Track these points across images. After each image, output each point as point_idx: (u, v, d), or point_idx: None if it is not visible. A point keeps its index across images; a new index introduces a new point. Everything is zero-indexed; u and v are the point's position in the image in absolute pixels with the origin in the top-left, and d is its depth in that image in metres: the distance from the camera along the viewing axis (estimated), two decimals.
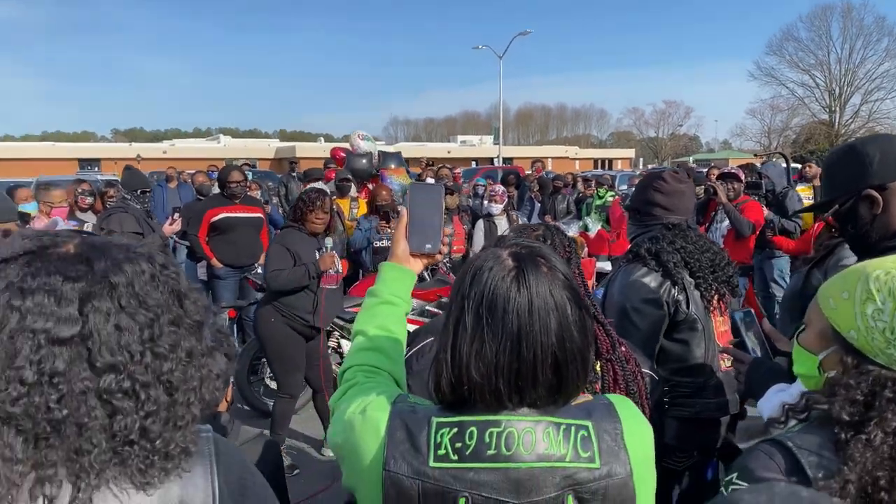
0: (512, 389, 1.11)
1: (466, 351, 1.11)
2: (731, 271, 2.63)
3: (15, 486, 0.82)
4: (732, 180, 6.31)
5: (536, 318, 1.10)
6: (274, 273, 4.34)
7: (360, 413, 1.19)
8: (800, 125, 53.76)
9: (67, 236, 0.95)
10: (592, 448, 1.12)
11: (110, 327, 0.86)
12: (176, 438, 0.91)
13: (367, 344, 1.38)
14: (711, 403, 2.54)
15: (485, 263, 1.15)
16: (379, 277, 1.47)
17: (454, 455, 1.10)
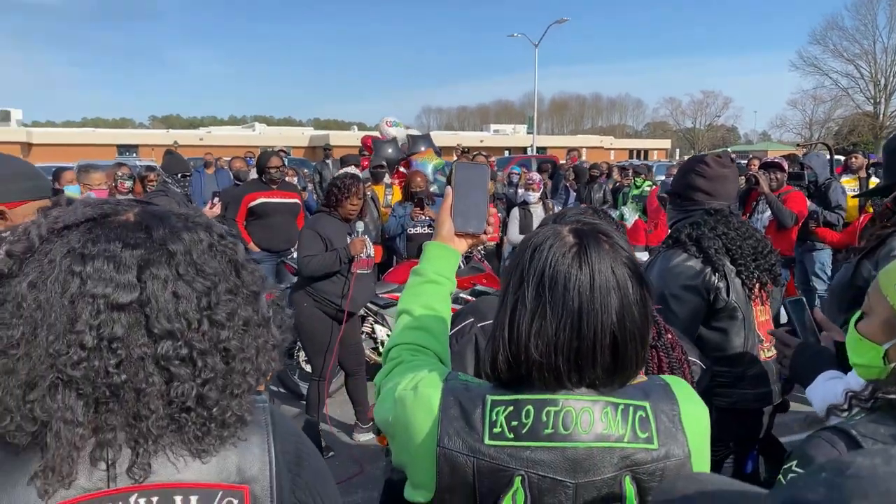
0: (571, 368, 1.10)
1: (525, 328, 1.10)
2: (773, 259, 2.57)
3: (76, 449, 0.84)
4: (775, 170, 6.14)
5: (598, 295, 1.08)
6: (306, 258, 4.37)
7: (412, 390, 1.18)
8: (843, 116, 52.48)
9: (128, 205, 0.96)
10: (650, 429, 1.11)
11: (168, 294, 0.87)
12: (232, 406, 0.91)
13: (413, 323, 1.38)
14: (750, 394, 2.50)
15: (545, 240, 1.13)
16: (423, 256, 1.47)
17: (510, 433, 1.09)
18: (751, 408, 2.53)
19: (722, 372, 2.47)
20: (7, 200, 1.85)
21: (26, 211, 1.87)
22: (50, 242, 0.88)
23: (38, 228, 0.89)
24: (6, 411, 0.83)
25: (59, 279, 0.84)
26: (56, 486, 0.84)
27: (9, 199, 1.85)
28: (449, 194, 1.48)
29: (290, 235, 6.40)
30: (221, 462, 0.92)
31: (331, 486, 1.05)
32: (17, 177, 1.89)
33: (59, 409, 0.83)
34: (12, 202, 1.85)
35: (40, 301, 0.83)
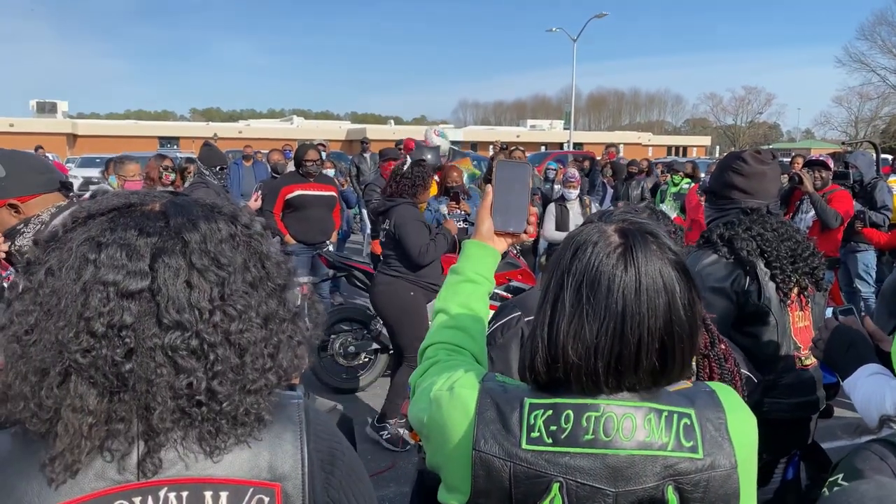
0: (610, 373, 1.06)
1: (564, 330, 1.07)
2: (815, 262, 2.45)
3: (84, 438, 0.83)
4: (820, 168, 5.97)
5: (644, 298, 1.04)
6: (424, 248, 4.47)
7: (448, 390, 1.16)
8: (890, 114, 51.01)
9: (158, 195, 0.96)
10: (696, 437, 1.07)
11: (180, 284, 0.86)
12: (246, 403, 0.89)
13: (450, 322, 1.36)
14: (783, 404, 2.39)
15: (589, 238, 1.10)
16: (462, 255, 1.45)
17: (548, 438, 1.06)
18: (785, 418, 2.41)
19: None
20: (20, 194, 1.94)
21: (39, 204, 1.97)
22: (73, 231, 0.88)
23: (64, 218, 0.91)
24: (21, 397, 0.83)
25: (73, 266, 0.84)
26: (62, 476, 0.83)
27: (22, 193, 1.94)
28: (489, 192, 1.45)
29: (325, 228, 6.45)
30: (253, 458, 0.90)
31: (365, 485, 1.03)
32: (29, 171, 1.98)
33: (69, 397, 0.83)
34: (25, 196, 1.94)
35: (55, 287, 0.84)
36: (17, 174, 1.95)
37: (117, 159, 5.80)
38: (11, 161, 1.97)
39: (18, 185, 1.94)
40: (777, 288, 2.38)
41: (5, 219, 1.94)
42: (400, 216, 4.52)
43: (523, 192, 1.47)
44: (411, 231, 4.48)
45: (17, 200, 1.93)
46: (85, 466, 0.85)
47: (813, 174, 5.93)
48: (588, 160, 13.34)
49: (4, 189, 1.92)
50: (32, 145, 19.11)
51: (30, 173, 1.98)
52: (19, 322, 0.85)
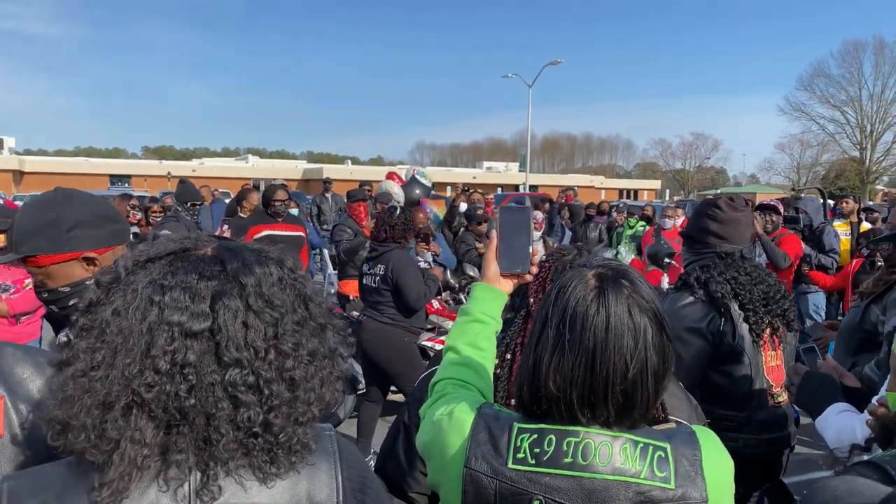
0: (584, 403, 1.15)
1: (546, 363, 1.17)
2: (786, 305, 2.58)
3: (137, 468, 0.87)
4: (771, 212, 6.25)
5: (612, 337, 1.15)
6: (422, 294, 4.51)
7: (448, 415, 1.27)
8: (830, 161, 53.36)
9: (207, 240, 1.02)
10: (669, 469, 1.14)
11: (238, 324, 0.91)
12: (298, 434, 0.95)
13: (458, 359, 1.45)
14: (756, 439, 2.48)
15: (570, 281, 1.21)
16: (471, 297, 1.53)
17: (532, 459, 1.16)
18: (760, 452, 2.51)
19: (728, 416, 2.47)
20: (98, 247, 1.70)
21: (110, 258, 1.70)
22: (134, 274, 0.94)
23: (125, 261, 0.96)
24: (83, 429, 0.87)
25: (139, 307, 0.90)
26: (108, 500, 0.87)
27: (99, 246, 1.71)
28: (494, 237, 1.54)
29: None
30: (293, 487, 0.96)
31: None
32: (101, 221, 1.75)
33: (130, 429, 0.87)
34: (102, 248, 1.72)
35: (121, 327, 0.89)
36: (89, 225, 1.72)
37: None
38: (94, 207, 1.76)
39: (94, 238, 1.72)
40: (750, 329, 2.49)
41: (76, 272, 1.69)
42: (398, 262, 4.51)
43: (526, 236, 1.55)
44: (411, 277, 4.49)
45: (95, 254, 1.70)
46: (139, 496, 0.89)
47: (764, 218, 6.18)
48: (547, 202, 13.61)
49: (82, 239, 1.69)
50: None
51: (102, 224, 1.75)
52: (85, 358, 0.89)
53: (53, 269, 1.68)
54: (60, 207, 1.69)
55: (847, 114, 51.92)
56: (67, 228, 1.67)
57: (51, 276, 1.68)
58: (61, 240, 1.66)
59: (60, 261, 1.67)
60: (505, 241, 1.53)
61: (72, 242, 1.68)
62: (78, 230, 1.68)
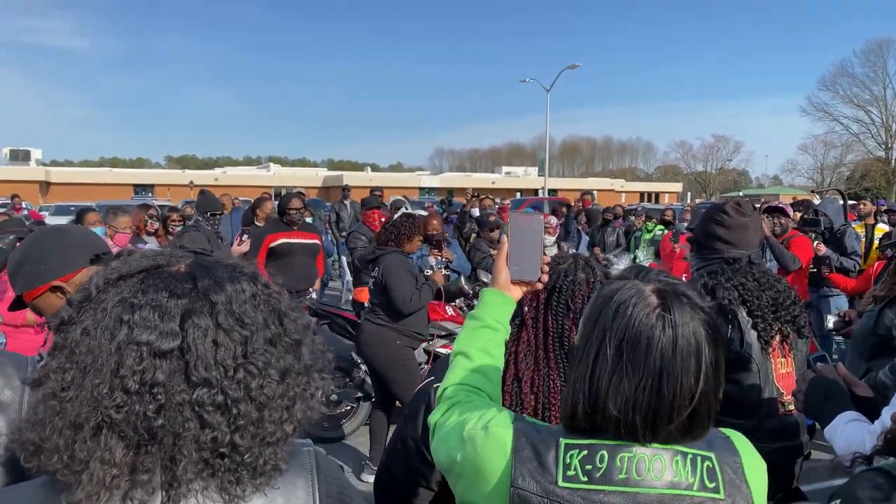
0: (647, 426, 1.12)
1: (605, 384, 1.12)
2: (797, 311, 2.51)
3: (106, 489, 0.86)
4: (780, 215, 6.16)
5: (679, 357, 1.11)
6: (408, 297, 4.53)
7: (482, 429, 1.20)
8: (854, 162, 52.62)
9: (182, 256, 1.00)
10: (717, 479, 1.13)
11: (207, 343, 0.90)
12: (265, 455, 0.93)
13: (469, 365, 1.42)
14: (767, 448, 2.43)
15: (629, 298, 1.16)
16: (481, 302, 1.52)
17: (584, 476, 1.11)
18: (771, 461, 2.49)
19: (738, 424, 2.42)
20: (61, 275, 1.86)
21: (82, 277, 1.84)
22: (105, 292, 0.92)
23: (97, 279, 0.95)
24: (55, 450, 0.87)
25: (108, 326, 0.88)
26: None
27: (62, 273, 1.86)
28: (505, 243, 1.53)
29: (309, 275, 6.48)
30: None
31: None
32: (66, 249, 1.90)
33: (99, 450, 0.86)
34: (66, 275, 1.86)
35: (91, 346, 0.88)
36: (60, 252, 1.87)
37: (110, 210, 5.84)
38: (51, 242, 1.90)
39: (61, 265, 1.86)
40: (758, 336, 2.44)
41: (53, 303, 1.83)
42: (389, 263, 4.60)
43: (536, 243, 1.55)
44: (398, 279, 4.54)
45: (61, 281, 1.84)
46: None
47: (772, 220, 6.09)
48: (564, 206, 13.56)
49: (45, 272, 1.84)
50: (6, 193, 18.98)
51: (71, 250, 1.90)
52: (55, 379, 0.88)
53: (39, 303, 1.87)
54: (27, 246, 1.91)
55: (871, 113, 51.30)
56: (34, 263, 1.87)
57: (41, 310, 1.88)
58: (31, 275, 1.86)
59: (37, 294, 1.86)
60: (516, 247, 1.52)
61: (41, 276, 1.86)
62: (42, 264, 1.86)
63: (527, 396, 1.70)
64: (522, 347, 1.75)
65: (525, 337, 1.77)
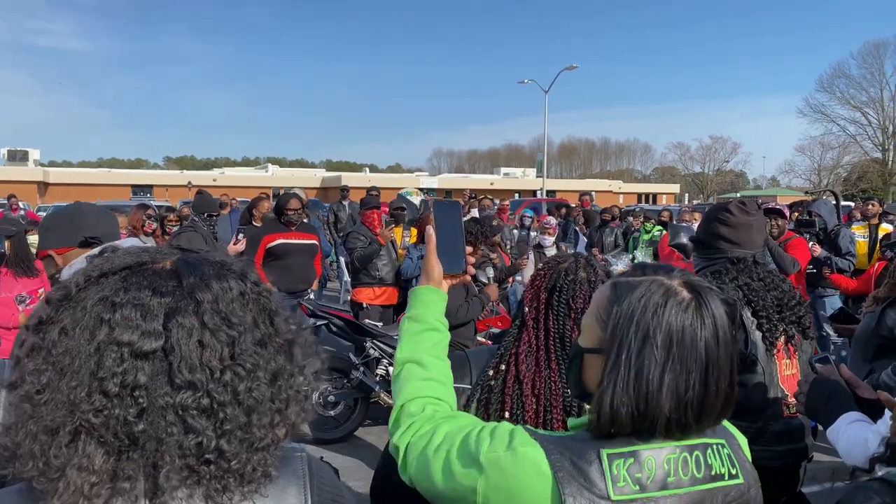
0: (694, 419, 1.12)
1: (656, 384, 1.10)
2: (801, 311, 2.49)
3: (84, 497, 0.82)
4: (776, 216, 6.15)
5: (721, 347, 1.13)
6: (453, 309, 4.38)
7: (507, 451, 1.13)
8: (851, 163, 52.70)
9: (167, 252, 0.96)
10: (736, 464, 1.18)
11: (192, 343, 0.85)
12: (254, 461, 0.88)
13: (424, 373, 1.34)
14: (772, 451, 2.40)
15: (663, 295, 1.15)
16: (418, 301, 1.43)
17: (635, 485, 1.09)
18: (776, 464, 2.41)
19: (741, 426, 2.39)
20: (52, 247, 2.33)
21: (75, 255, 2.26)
22: (85, 290, 0.88)
23: (78, 276, 0.91)
24: (31, 456, 0.82)
25: (88, 326, 0.84)
26: None
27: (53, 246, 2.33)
28: (432, 235, 1.45)
29: (307, 276, 6.45)
30: None
31: None
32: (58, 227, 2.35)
33: (77, 456, 0.82)
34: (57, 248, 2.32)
35: (68, 347, 0.84)
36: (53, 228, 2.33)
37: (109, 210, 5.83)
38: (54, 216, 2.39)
39: (51, 239, 2.31)
40: (763, 337, 2.42)
41: (49, 265, 2.38)
42: None
43: (459, 233, 1.47)
44: None
45: (55, 252, 2.30)
46: None
47: (770, 222, 6.09)
48: (564, 207, 13.55)
49: (42, 241, 2.35)
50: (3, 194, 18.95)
51: (58, 229, 2.33)
52: (31, 381, 0.84)
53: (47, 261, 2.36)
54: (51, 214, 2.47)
55: (868, 115, 51.39)
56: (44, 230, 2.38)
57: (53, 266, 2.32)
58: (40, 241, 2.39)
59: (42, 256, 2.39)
60: (443, 239, 1.44)
61: (43, 243, 2.35)
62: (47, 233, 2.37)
63: (528, 399, 1.67)
64: (523, 348, 1.72)
65: (526, 338, 1.74)
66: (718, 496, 1.14)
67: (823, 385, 1.93)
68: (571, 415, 1.64)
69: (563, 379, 1.62)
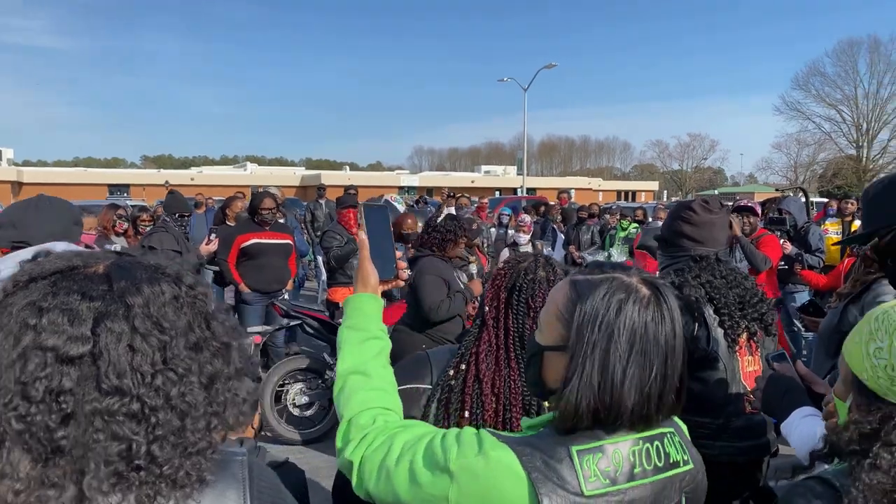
0: (655, 410, 1.17)
1: (619, 378, 1.14)
2: (764, 308, 2.51)
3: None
4: (748, 214, 6.20)
5: (677, 341, 1.19)
6: (436, 304, 4.32)
7: (478, 456, 1.13)
8: (826, 160, 53.34)
9: (102, 256, 0.95)
10: (686, 450, 1.25)
11: (122, 348, 0.84)
12: (187, 465, 0.87)
13: (370, 384, 1.33)
14: (734, 447, 2.43)
15: (625, 293, 1.18)
16: (357, 310, 1.41)
17: (605, 479, 1.12)
18: (738, 460, 2.45)
19: (704, 423, 2.39)
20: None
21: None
22: (14, 295, 0.87)
23: (6, 282, 0.90)
24: None
25: (13, 331, 0.83)
26: None
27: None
28: (365, 240, 1.43)
29: (281, 276, 6.40)
30: None
31: None
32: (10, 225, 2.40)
33: (0, 463, 0.81)
34: None
35: None
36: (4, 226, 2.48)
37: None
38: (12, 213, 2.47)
39: None
40: (725, 334, 2.43)
41: None
42: (421, 267, 4.43)
43: (389, 237, 1.45)
44: (427, 284, 4.36)
45: None
46: None
47: (742, 220, 6.13)
48: (542, 205, 13.60)
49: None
50: None
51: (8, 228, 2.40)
52: None
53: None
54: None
55: (843, 112, 51.95)
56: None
57: None
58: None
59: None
60: (376, 244, 1.41)
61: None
62: None
63: (488, 398, 1.67)
64: (483, 348, 1.72)
65: (486, 337, 1.74)
66: (676, 483, 1.20)
67: (779, 381, 1.94)
68: (531, 413, 1.64)
69: (522, 378, 1.63)
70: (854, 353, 1.20)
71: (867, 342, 1.16)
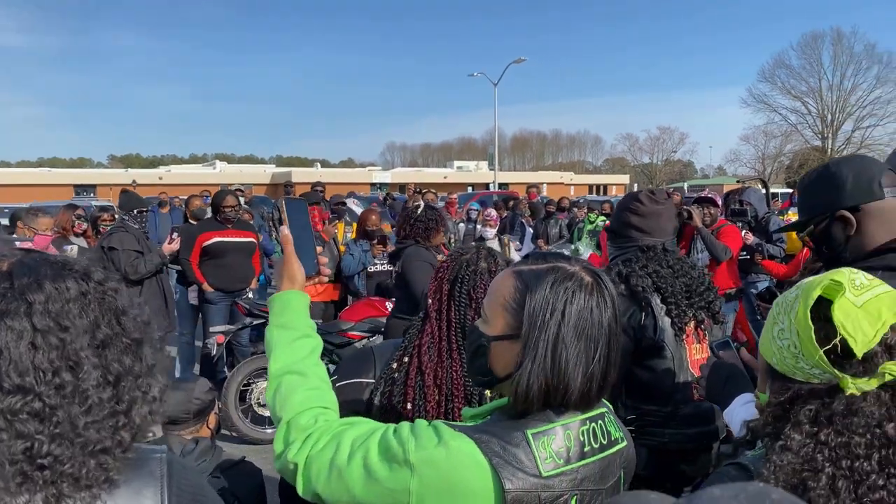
0: (597, 391, 1.24)
1: (567, 362, 1.19)
2: (711, 297, 2.56)
3: None
4: (708, 205, 6.30)
5: (617, 324, 1.26)
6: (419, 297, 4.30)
7: (438, 447, 1.14)
8: (793, 151, 54.19)
9: (8, 254, 0.94)
10: (620, 428, 1.34)
11: (23, 346, 0.84)
12: (90, 465, 0.86)
13: (307, 383, 1.30)
14: (682, 434, 2.47)
15: (571, 281, 1.23)
16: (287, 308, 1.38)
17: (560, 459, 1.19)
18: (687, 447, 2.49)
19: (651, 411, 2.45)
20: None
21: None
22: None
23: None
24: None
25: None
26: None
27: None
28: (289, 236, 1.41)
29: (245, 275, 6.35)
30: None
31: None
32: None
33: None
34: None
35: None
36: None
37: (29, 211, 5.63)
38: None
39: None
40: (672, 322, 2.47)
41: None
42: (408, 256, 4.45)
43: (310, 231, 1.44)
44: (417, 270, 4.35)
45: None
46: None
47: (702, 211, 6.23)
48: (511, 200, 13.67)
49: None
50: None
51: None
52: None
53: None
54: None
55: (808, 104, 52.83)
56: None
57: None
58: None
59: None
60: (299, 239, 1.40)
61: None
62: None
63: (430, 389, 1.69)
64: (426, 340, 1.74)
65: (429, 329, 1.75)
66: (618, 459, 1.28)
67: (722, 368, 1.98)
68: (472, 403, 1.66)
69: (465, 368, 1.64)
70: (764, 341, 1.24)
71: (771, 326, 1.20)
